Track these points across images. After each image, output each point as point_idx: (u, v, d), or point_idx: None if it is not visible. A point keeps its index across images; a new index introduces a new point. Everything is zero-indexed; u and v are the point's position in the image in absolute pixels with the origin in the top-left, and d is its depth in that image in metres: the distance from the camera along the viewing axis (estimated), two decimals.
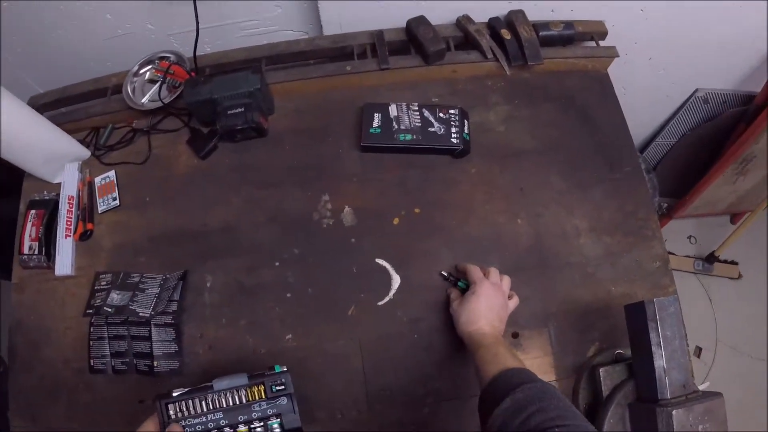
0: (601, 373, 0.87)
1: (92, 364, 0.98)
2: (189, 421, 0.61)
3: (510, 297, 0.92)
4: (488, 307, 0.86)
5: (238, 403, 0.62)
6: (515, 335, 0.96)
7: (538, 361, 0.95)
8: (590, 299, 0.98)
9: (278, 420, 0.63)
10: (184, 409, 0.61)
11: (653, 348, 0.78)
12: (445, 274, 0.97)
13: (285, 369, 0.65)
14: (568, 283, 0.99)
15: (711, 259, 2.01)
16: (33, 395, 0.99)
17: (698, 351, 1.94)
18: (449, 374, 0.94)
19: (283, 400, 0.63)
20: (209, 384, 0.62)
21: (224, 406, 0.62)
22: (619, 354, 0.92)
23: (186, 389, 0.61)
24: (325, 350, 0.95)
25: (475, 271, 0.91)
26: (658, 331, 0.78)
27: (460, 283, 0.95)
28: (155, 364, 0.95)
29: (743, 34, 1.30)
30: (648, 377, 0.79)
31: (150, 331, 0.97)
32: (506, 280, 0.92)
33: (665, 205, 1.94)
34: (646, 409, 0.78)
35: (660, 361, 0.78)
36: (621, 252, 1.02)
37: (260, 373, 0.64)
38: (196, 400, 0.61)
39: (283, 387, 0.64)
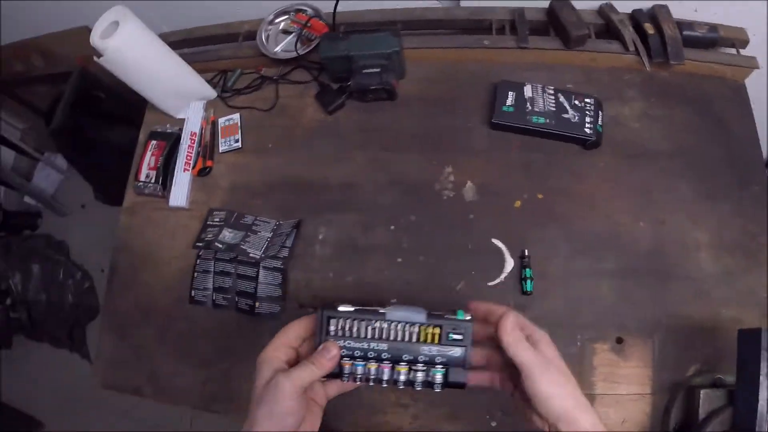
0: (701, 395, 0.84)
1: (193, 294, 1.03)
2: (348, 343, 0.55)
3: None
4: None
5: (406, 339, 0.56)
6: (620, 340, 0.94)
7: (637, 371, 0.92)
8: (699, 317, 0.95)
9: (443, 370, 0.56)
10: (347, 329, 0.56)
11: (761, 378, 0.75)
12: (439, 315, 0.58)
13: (469, 318, 0.56)
14: (680, 296, 0.96)
15: None
16: (126, 315, 1.05)
17: None
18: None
19: (456, 351, 0.56)
20: (381, 310, 0.56)
21: (390, 338, 0.56)
22: (719, 379, 0.88)
23: (354, 308, 0.56)
24: None
25: (512, 323, 0.56)
26: None
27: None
28: (257, 305, 0.99)
29: None
30: (749, 408, 0.76)
31: (258, 272, 1.00)
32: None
33: None
34: None
35: (765, 392, 0.74)
36: (738, 274, 0.98)
37: (440, 314, 0.57)
38: (363, 323, 0.56)
39: (461, 337, 0.56)
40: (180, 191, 1.11)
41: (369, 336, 0.56)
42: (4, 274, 2.12)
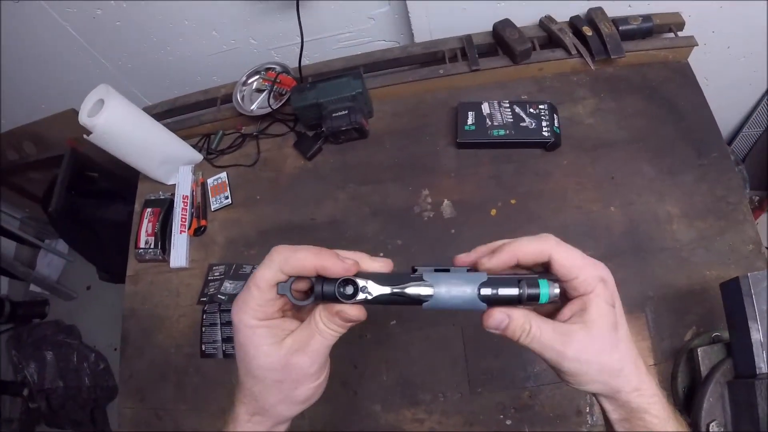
0: (699, 353, 0.90)
1: (203, 348, 1.11)
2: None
3: None
4: (628, 339, 0.48)
5: None
6: None
7: (636, 346, 0.99)
8: (686, 283, 1.03)
9: None
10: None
11: (749, 323, 0.79)
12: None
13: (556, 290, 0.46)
14: (663, 267, 1.04)
15: None
16: (143, 378, 1.13)
17: None
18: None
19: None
20: (424, 293, 0.46)
21: None
22: (717, 336, 0.95)
23: (390, 289, 0.45)
24: (428, 335, 1.04)
25: (587, 270, 0.46)
26: (753, 305, 0.80)
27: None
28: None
29: None
30: (745, 353, 0.80)
31: None
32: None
33: (756, 198, 1.93)
34: (744, 384, 0.79)
35: (757, 335, 0.79)
36: (714, 236, 1.06)
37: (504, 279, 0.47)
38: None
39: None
40: (179, 252, 1.21)
41: None
42: (18, 365, 2.18)
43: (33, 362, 2.18)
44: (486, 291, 0.44)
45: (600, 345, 0.45)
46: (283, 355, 0.45)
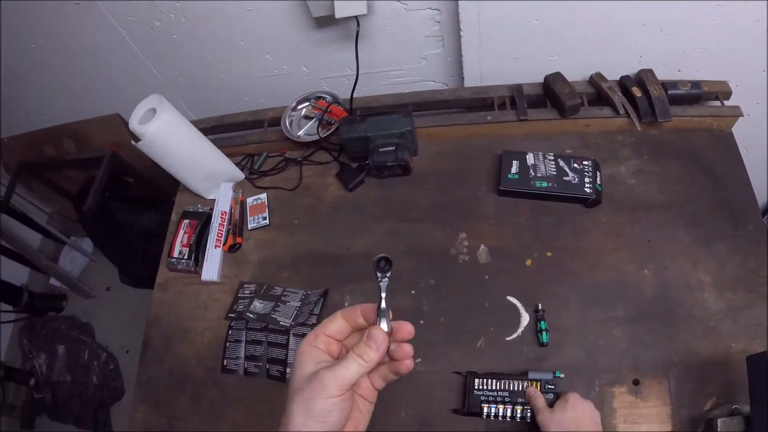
0: (718, 424, 0.91)
1: (225, 364, 1.15)
2: (486, 393, 1.00)
3: None
4: (593, 422, 0.91)
5: (519, 389, 0.99)
6: (636, 382, 1.03)
7: (656, 410, 1.01)
8: (711, 353, 1.05)
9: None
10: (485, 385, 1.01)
11: None
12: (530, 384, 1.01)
13: (562, 376, 0.99)
14: (690, 335, 1.06)
15: None
16: (160, 385, 1.16)
17: None
18: None
19: (551, 396, 0.97)
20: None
21: (510, 389, 1.00)
22: (736, 409, 0.95)
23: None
24: (451, 378, 1.06)
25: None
26: None
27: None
28: (288, 371, 1.10)
29: None
30: (765, 428, 0.81)
31: (288, 339, 1.13)
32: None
33: None
34: None
35: None
36: (743, 308, 1.08)
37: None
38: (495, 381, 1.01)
39: (553, 387, 0.98)
40: (212, 266, 1.25)
41: (497, 388, 1.00)
42: (28, 354, 2.23)
43: (44, 353, 2.23)
44: None
45: None
46: (313, 368, 0.51)
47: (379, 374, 0.55)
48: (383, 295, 0.54)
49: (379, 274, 0.54)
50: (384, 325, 0.53)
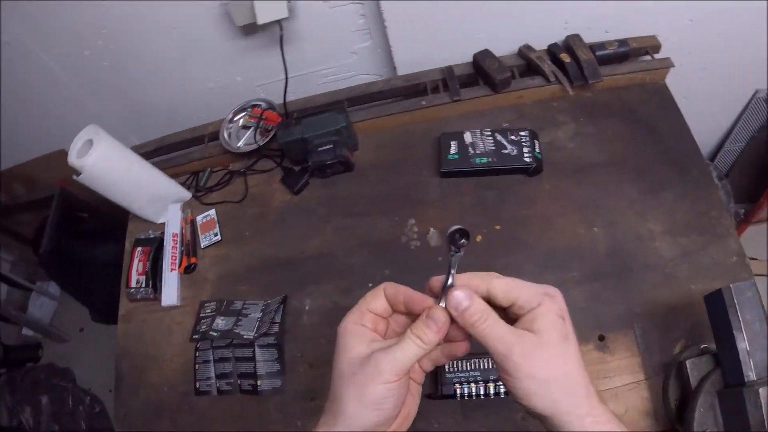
0: (688, 366, 0.92)
1: (198, 386, 1.14)
2: (457, 375, 0.99)
3: None
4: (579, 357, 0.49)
5: (490, 367, 0.98)
6: (601, 338, 1.05)
7: (626, 362, 1.02)
8: (672, 298, 1.06)
9: None
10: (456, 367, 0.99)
11: (735, 333, 0.83)
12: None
13: None
14: (649, 284, 1.08)
15: None
16: (137, 417, 1.15)
17: None
18: None
19: None
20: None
21: (481, 367, 0.98)
22: (705, 348, 0.97)
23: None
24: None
25: (527, 289, 0.49)
26: (737, 315, 0.83)
27: None
28: (259, 383, 1.10)
29: None
30: (733, 362, 0.83)
31: (254, 351, 1.12)
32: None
33: (742, 211, 1.98)
34: (733, 393, 0.82)
35: (742, 344, 0.82)
36: (697, 251, 1.10)
37: None
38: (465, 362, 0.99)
39: None
40: (170, 290, 1.24)
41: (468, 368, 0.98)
42: (13, 410, 2.19)
43: (28, 407, 2.18)
44: None
45: (549, 354, 0.45)
46: (365, 350, 0.47)
47: (430, 357, 0.51)
48: (453, 271, 0.49)
49: (453, 248, 0.49)
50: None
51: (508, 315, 0.49)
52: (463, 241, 0.49)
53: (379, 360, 0.45)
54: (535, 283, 0.49)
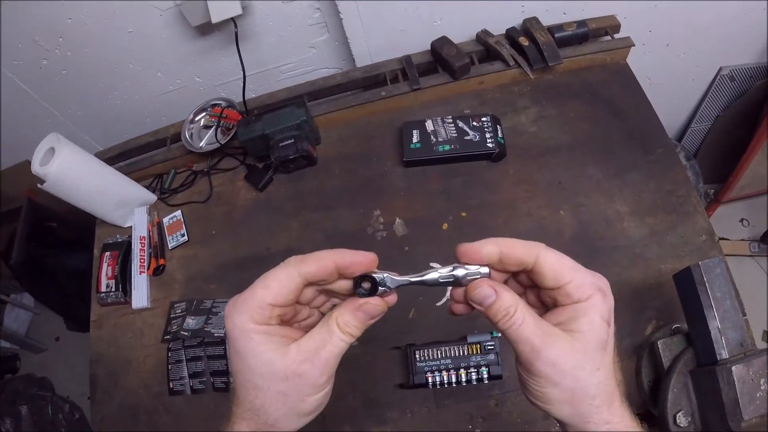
0: (660, 346, 0.93)
1: (171, 386, 1.14)
2: (429, 364, 1.00)
3: None
4: (612, 366, 0.45)
5: (460, 354, 0.99)
6: None
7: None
8: (642, 279, 1.07)
9: (486, 369, 0.98)
10: (427, 355, 1.00)
11: (705, 310, 0.83)
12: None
13: (499, 335, 0.96)
14: (618, 266, 1.09)
15: (766, 238, 2.06)
16: (114, 421, 1.14)
17: (766, 335, 1.98)
18: (511, 365, 1.02)
19: (492, 356, 0.99)
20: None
21: (452, 355, 1.00)
22: (677, 328, 0.97)
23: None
24: (391, 354, 1.07)
25: (582, 277, 0.44)
26: (707, 293, 0.83)
27: None
28: (231, 380, 1.09)
29: (756, 6, 1.42)
30: (704, 341, 0.83)
31: (225, 349, 1.12)
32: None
33: (711, 190, 2.00)
34: (706, 372, 0.83)
35: (714, 322, 0.82)
36: (665, 230, 1.11)
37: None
38: (435, 350, 1.00)
39: (492, 347, 0.99)
40: (140, 293, 1.24)
41: (440, 357, 1.00)
42: None
43: (8, 418, 2.16)
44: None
45: (581, 359, 0.41)
46: (288, 364, 0.41)
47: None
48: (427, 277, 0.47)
49: (357, 291, 0.45)
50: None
51: (542, 295, 0.45)
52: (364, 285, 0.44)
53: (307, 373, 0.41)
54: (589, 270, 0.44)
